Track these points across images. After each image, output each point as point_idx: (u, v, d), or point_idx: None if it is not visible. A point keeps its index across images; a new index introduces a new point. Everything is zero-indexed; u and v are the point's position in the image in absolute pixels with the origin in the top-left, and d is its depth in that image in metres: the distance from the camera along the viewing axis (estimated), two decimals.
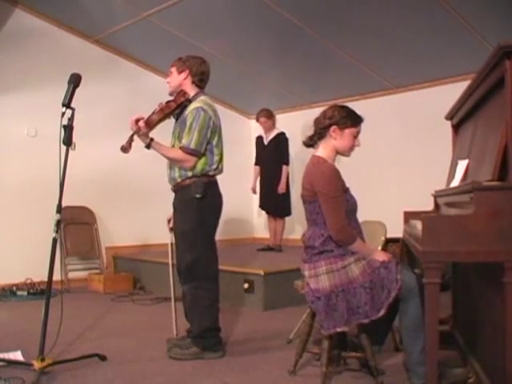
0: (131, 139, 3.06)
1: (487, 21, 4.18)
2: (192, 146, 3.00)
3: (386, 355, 2.99)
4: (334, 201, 2.52)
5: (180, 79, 3.17)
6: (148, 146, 3.06)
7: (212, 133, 3.05)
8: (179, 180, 3.10)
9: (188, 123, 3.03)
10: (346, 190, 2.64)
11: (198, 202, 3.03)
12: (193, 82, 3.16)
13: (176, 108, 3.13)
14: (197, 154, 3.01)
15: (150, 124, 3.08)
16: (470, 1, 4.02)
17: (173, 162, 3.11)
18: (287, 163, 5.86)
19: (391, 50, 4.94)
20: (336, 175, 2.59)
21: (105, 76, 6.02)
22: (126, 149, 3.07)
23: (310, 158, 2.73)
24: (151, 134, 3.07)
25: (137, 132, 3.03)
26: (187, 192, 3.06)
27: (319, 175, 2.56)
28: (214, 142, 3.08)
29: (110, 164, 5.93)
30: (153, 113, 3.11)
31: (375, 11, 4.38)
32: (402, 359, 2.89)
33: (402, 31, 4.59)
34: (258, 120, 5.94)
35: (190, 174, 3.05)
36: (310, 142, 2.75)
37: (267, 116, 5.86)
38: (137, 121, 3.02)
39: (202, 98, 3.12)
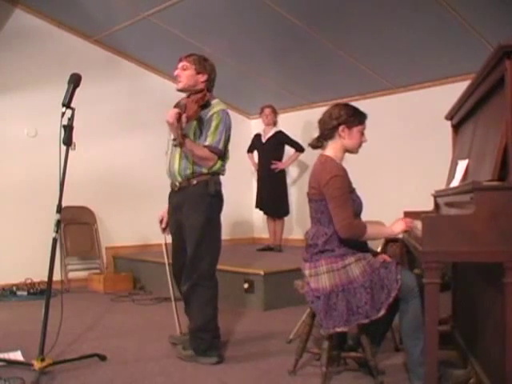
0: (181, 134, 2.94)
1: (487, 21, 4.17)
2: (220, 146, 3.03)
3: (386, 355, 2.99)
4: (340, 198, 2.52)
5: (198, 80, 3.11)
6: (180, 143, 2.95)
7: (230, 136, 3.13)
8: (191, 176, 3.04)
9: (214, 124, 3.04)
10: (353, 191, 2.64)
11: (210, 200, 3.03)
12: (207, 86, 3.15)
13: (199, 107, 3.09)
14: (221, 154, 3.06)
15: (190, 120, 2.99)
16: (470, 1, 4.02)
17: (197, 159, 3.01)
18: (301, 150, 5.78)
19: (391, 50, 4.94)
20: (343, 174, 2.59)
21: (105, 76, 6.02)
22: (181, 144, 2.97)
23: (317, 157, 2.73)
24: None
25: (181, 127, 2.92)
26: (202, 188, 3.02)
27: (326, 173, 2.56)
28: (229, 145, 3.14)
29: (110, 164, 5.94)
30: (186, 110, 2.94)
31: (375, 11, 4.38)
32: (402, 359, 2.89)
33: (402, 31, 4.59)
34: (262, 111, 5.93)
35: (205, 170, 3.03)
36: (318, 144, 2.74)
37: (272, 109, 5.90)
38: (179, 114, 2.89)
39: (217, 100, 3.17)
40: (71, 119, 2.86)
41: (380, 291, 2.46)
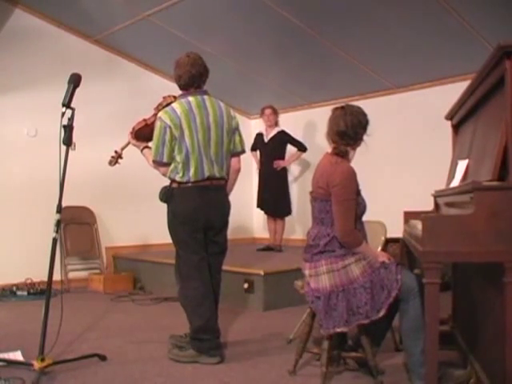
0: (116, 152, 3.50)
1: (487, 21, 4.17)
2: (152, 156, 3.06)
3: (386, 355, 2.99)
4: (346, 203, 2.52)
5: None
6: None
7: (172, 141, 2.98)
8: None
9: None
10: (359, 193, 2.63)
11: (167, 207, 3.12)
12: (179, 88, 3.14)
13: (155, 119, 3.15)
14: (157, 163, 3.05)
15: (132, 134, 3.30)
16: (469, 1, 4.02)
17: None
18: (304, 150, 5.88)
19: (391, 50, 4.94)
20: (354, 177, 2.57)
21: (105, 76, 6.02)
22: (110, 162, 3.53)
23: (324, 156, 2.71)
24: None
25: (129, 143, 3.38)
26: None
27: (337, 175, 2.54)
28: (176, 150, 2.99)
29: None
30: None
31: (375, 11, 4.38)
32: (402, 359, 2.89)
33: (402, 31, 4.59)
34: (263, 113, 5.93)
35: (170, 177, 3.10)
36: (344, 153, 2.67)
37: (273, 110, 5.89)
38: (132, 129, 3.30)
39: (175, 103, 3.06)
40: (71, 119, 2.87)
41: (380, 291, 2.46)
